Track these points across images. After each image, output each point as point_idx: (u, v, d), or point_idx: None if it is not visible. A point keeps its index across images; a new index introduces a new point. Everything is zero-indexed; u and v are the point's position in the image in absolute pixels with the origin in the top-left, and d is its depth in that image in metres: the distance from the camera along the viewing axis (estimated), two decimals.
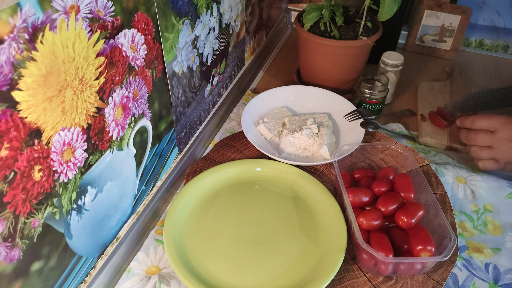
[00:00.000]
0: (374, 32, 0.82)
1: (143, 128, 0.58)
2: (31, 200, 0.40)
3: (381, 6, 0.73)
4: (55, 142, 0.42)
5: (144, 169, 0.61)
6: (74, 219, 0.48)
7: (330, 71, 0.86)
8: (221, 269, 0.56)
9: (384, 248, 0.53)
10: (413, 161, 0.66)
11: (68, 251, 0.48)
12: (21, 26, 0.34)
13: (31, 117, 0.38)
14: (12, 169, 0.37)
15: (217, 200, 0.66)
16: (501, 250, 0.61)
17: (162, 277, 0.57)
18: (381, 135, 0.78)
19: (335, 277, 0.56)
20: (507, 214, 0.65)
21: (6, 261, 0.39)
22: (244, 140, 0.78)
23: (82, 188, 0.48)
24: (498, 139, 0.66)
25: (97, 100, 0.46)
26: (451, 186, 0.69)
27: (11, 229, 0.39)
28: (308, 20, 0.81)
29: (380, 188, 0.62)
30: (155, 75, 0.57)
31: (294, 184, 0.69)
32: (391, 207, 0.59)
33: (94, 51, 0.44)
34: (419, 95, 0.90)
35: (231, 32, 0.81)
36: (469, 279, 0.57)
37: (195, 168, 0.72)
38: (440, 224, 0.56)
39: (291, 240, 0.60)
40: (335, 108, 0.83)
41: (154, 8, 0.53)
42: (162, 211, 0.67)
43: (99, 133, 0.48)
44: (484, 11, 1.02)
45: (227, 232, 0.61)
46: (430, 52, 1.07)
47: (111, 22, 0.45)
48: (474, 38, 1.07)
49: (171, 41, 0.59)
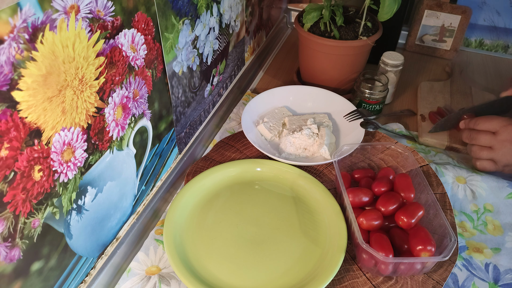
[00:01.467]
0: (374, 32, 0.82)
1: (143, 128, 0.58)
2: (31, 200, 0.40)
3: (381, 6, 0.73)
4: (55, 142, 0.42)
5: (144, 169, 0.61)
6: (74, 219, 0.48)
7: (330, 71, 0.86)
8: (221, 269, 0.56)
9: (384, 248, 0.53)
10: (413, 161, 0.66)
11: (68, 251, 0.48)
12: (21, 26, 0.34)
13: (31, 117, 0.38)
14: (12, 169, 0.37)
15: (217, 200, 0.66)
16: (501, 250, 0.61)
17: (162, 277, 0.57)
18: (381, 135, 0.78)
19: (335, 277, 0.56)
20: (507, 214, 0.65)
21: (6, 261, 0.39)
22: (244, 140, 0.78)
23: (82, 188, 0.48)
24: (498, 140, 0.66)
25: (97, 100, 0.46)
26: (451, 186, 0.69)
27: (11, 229, 0.39)
28: (308, 20, 0.81)
29: (380, 188, 0.62)
30: (155, 75, 0.57)
31: (294, 184, 0.69)
32: (391, 207, 0.59)
33: (94, 51, 0.44)
34: (419, 95, 0.90)
35: (231, 32, 0.81)
36: (469, 279, 0.57)
37: (195, 168, 0.72)
38: (440, 224, 0.56)
39: (291, 240, 0.60)
40: (335, 108, 0.83)
41: (154, 8, 0.53)
42: (162, 211, 0.67)
43: (99, 133, 0.48)
44: (484, 11, 1.02)
45: (227, 232, 0.61)
46: (430, 52, 1.07)
47: (111, 22, 0.45)
48: (474, 38, 1.07)
49: (171, 41, 0.59)
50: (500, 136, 0.66)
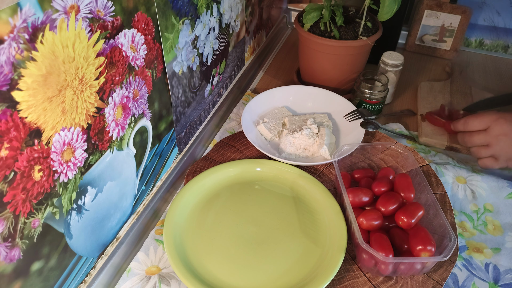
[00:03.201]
0: (374, 32, 0.82)
1: (143, 128, 0.58)
2: (31, 200, 0.40)
3: (381, 6, 0.73)
4: (55, 142, 0.42)
5: (144, 169, 0.61)
6: (74, 219, 0.48)
7: (330, 71, 0.86)
8: (221, 269, 0.56)
9: (384, 248, 0.53)
10: (413, 161, 0.66)
11: (68, 251, 0.48)
12: (21, 26, 0.34)
13: (31, 117, 0.38)
14: (12, 169, 0.37)
15: (217, 200, 0.66)
16: (501, 250, 0.61)
17: (162, 277, 0.57)
18: (381, 135, 0.78)
19: (335, 277, 0.56)
20: (507, 214, 0.65)
21: (6, 261, 0.39)
22: (244, 140, 0.78)
23: (82, 188, 0.48)
24: (492, 136, 0.65)
25: (97, 100, 0.46)
26: (451, 186, 0.69)
27: (11, 229, 0.39)
28: (308, 20, 0.81)
29: (380, 188, 0.62)
30: (155, 75, 0.57)
31: (294, 184, 0.69)
32: (391, 207, 0.59)
33: (94, 51, 0.44)
34: (419, 95, 0.90)
35: (231, 32, 0.81)
36: (469, 279, 0.57)
37: (195, 168, 0.72)
38: (440, 224, 0.56)
39: (291, 240, 0.60)
40: (335, 108, 0.83)
41: (154, 8, 0.53)
42: (162, 211, 0.67)
43: (99, 133, 0.48)
44: (484, 11, 1.02)
45: (227, 232, 0.61)
46: (430, 52, 1.07)
47: (111, 22, 0.45)
48: (474, 38, 1.07)
49: (171, 41, 0.59)
50: (493, 132, 0.65)
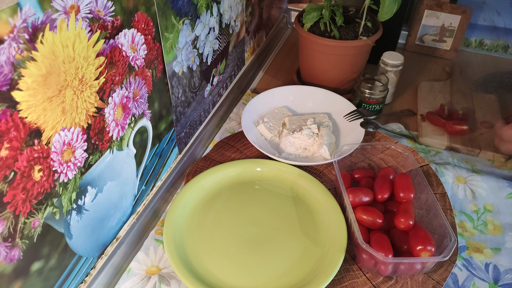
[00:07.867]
0: (374, 32, 0.82)
1: (143, 128, 0.58)
2: (31, 200, 0.40)
3: (381, 6, 0.73)
4: (55, 142, 0.42)
5: (144, 169, 0.61)
6: (74, 219, 0.48)
7: (330, 71, 0.86)
8: (221, 269, 0.56)
9: (384, 248, 0.53)
10: (413, 161, 0.66)
11: (68, 251, 0.48)
12: (21, 26, 0.34)
13: (31, 117, 0.38)
14: (12, 169, 0.37)
15: (217, 200, 0.66)
16: (501, 250, 0.61)
17: (162, 277, 0.57)
18: (381, 135, 0.78)
19: (335, 277, 0.56)
20: (507, 214, 0.65)
21: (6, 261, 0.39)
22: (244, 140, 0.78)
23: (82, 188, 0.48)
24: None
25: (97, 100, 0.46)
26: (451, 186, 0.69)
27: (11, 229, 0.39)
28: (308, 20, 0.81)
29: (382, 192, 0.63)
30: (155, 75, 0.57)
31: (294, 184, 0.69)
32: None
33: (94, 51, 0.44)
34: (419, 95, 0.90)
35: (231, 32, 0.81)
36: (469, 279, 0.57)
37: (195, 168, 0.72)
38: (440, 224, 0.56)
39: (291, 240, 0.60)
40: (335, 108, 0.83)
41: (154, 8, 0.53)
42: (162, 211, 0.67)
43: (99, 133, 0.48)
44: (484, 11, 1.02)
45: (227, 232, 0.61)
46: (430, 52, 1.07)
47: (111, 22, 0.45)
48: (474, 38, 1.07)
49: (171, 41, 0.59)
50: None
